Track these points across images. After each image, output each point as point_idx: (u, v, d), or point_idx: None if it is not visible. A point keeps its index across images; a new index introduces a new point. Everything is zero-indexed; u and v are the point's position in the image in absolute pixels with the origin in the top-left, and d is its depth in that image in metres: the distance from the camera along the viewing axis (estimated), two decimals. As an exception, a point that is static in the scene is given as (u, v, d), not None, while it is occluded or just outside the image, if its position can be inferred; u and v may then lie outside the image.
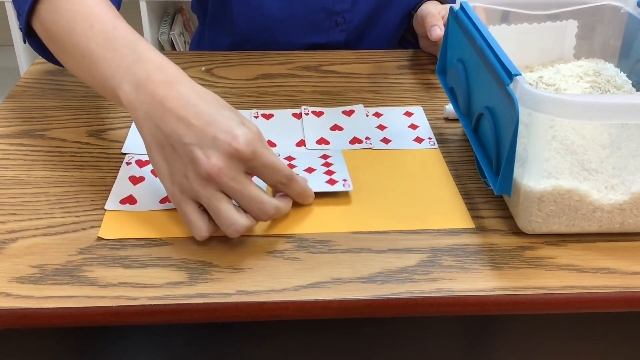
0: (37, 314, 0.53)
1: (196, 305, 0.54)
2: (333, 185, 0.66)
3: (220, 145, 0.54)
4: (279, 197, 0.61)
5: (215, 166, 0.54)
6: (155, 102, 0.56)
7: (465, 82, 0.69)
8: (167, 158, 0.56)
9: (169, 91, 0.56)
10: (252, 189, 0.56)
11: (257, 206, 0.56)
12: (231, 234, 0.56)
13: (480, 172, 0.68)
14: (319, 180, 0.67)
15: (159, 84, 0.57)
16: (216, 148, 0.54)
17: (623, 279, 0.57)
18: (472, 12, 0.69)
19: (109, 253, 0.59)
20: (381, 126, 0.79)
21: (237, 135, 0.54)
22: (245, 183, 0.55)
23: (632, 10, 0.74)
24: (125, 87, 0.58)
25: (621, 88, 0.70)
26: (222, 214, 0.55)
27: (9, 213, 0.63)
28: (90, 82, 0.65)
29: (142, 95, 0.57)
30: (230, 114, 0.56)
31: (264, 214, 0.57)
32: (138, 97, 0.57)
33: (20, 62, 2.26)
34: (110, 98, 0.62)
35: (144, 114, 0.57)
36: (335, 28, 1.01)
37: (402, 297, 0.55)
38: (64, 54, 0.66)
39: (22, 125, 0.78)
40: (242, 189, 0.55)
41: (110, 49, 0.60)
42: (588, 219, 0.60)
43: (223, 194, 0.55)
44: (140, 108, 0.57)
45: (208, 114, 0.55)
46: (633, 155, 0.58)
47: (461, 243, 0.61)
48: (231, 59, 0.95)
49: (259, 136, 0.56)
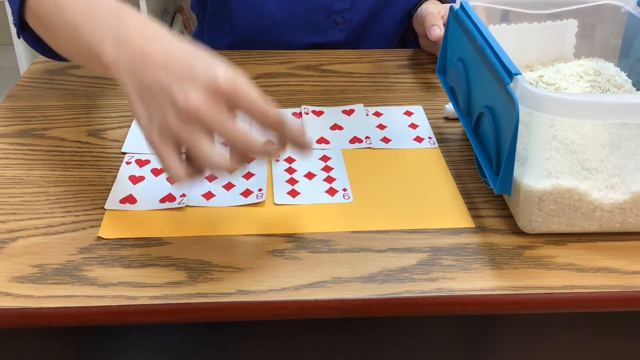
0: (37, 313, 0.53)
1: (196, 304, 0.54)
2: (333, 196, 0.66)
3: (199, 81, 0.52)
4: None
5: (193, 101, 0.51)
6: (137, 57, 0.55)
7: (466, 81, 0.69)
8: (148, 107, 0.54)
9: (151, 45, 0.55)
10: (234, 125, 0.52)
11: (241, 140, 0.52)
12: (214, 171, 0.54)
13: (480, 172, 0.68)
14: (318, 190, 0.67)
15: (140, 39, 0.56)
16: (195, 84, 0.52)
17: (623, 279, 0.57)
18: (472, 11, 0.69)
19: (109, 252, 0.59)
20: (381, 125, 0.79)
21: (216, 71, 0.52)
22: (226, 119, 0.52)
23: (632, 9, 0.74)
24: (107, 47, 0.57)
25: (621, 87, 0.70)
26: (202, 151, 0.52)
27: (8, 212, 0.63)
28: (79, 58, 0.64)
29: (124, 52, 0.56)
30: (213, 58, 0.54)
31: (251, 150, 0.53)
32: (120, 54, 0.56)
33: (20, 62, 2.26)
34: (96, 67, 0.60)
35: (126, 70, 0.55)
36: (334, 27, 1.01)
37: (402, 297, 0.55)
38: (54, 35, 0.66)
39: (21, 124, 0.77)
40: (222, 124, 0.52)
41: (92, 17, 0.59)
42: (588, 218, 0.60)
43: (203, 133, 0.52)
44: (122, 65, 0.55)
45: (190, 58, 0.54)
46: (633, 155, 0.58)
47: (461, 242, 0.61)
48: (231, 59, 0.94)
49: (244, 78, 0.53)
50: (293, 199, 0.65)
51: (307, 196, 0.66)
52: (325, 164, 0.71)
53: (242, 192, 0.66)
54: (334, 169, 0.70)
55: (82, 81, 0.87)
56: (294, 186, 0.67)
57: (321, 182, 0.68)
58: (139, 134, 0.75)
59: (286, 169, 0.70)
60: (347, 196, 0.66)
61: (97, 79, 0.88)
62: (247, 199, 0.65)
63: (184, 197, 0.65)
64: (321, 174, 0.69)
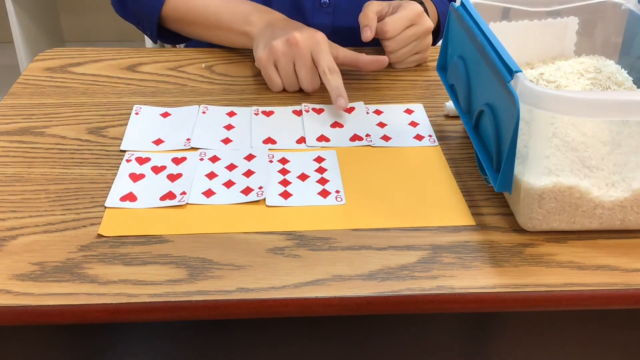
0: (37, 311, 0.53)
1: (196, 302, 0.54)
2: (325, 198, 0.66)
3: (305, 30, 0.82)
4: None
5: (296, 37, 0.80)
6: (273, 19, 0.88)
7: (466, 79, 0.69)
8: (266, 40, 0.83)
9: (278, 14, 0.90)
10: (310, 64, 0.82)
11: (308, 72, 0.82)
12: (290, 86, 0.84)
13: (480, 169, 0.68)
14: (311, 191, 0.67)
15: (273, 11, 0.91)
16: (301, 33, 0.81)
17: (624, 276, 0.57)
18: (473, 8, 0.69)
19: (109, 250, 0.59)
20: (381, 124, 0.79)
21: (317, 33, 0.82)
22: (309, 58, 0.81)
23: (632, 7, 0.74)
24: (253, 18, 0.88)
25: (622, 85, 0.70)
26: (296, 71, 0.83)
27: (9, 210, 0.63)
28: (213, 35, 0.94)
29: (267, 18, 0.88)
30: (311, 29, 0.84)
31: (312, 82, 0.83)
32: (265, 21, 0.87)
33: (20, 60, 2.26)
34: (234, 37, 0.91)
35: (264, 24, 0.87)
36: (319, 10, 1.00)
37: (403, 295, 0.55)
38: (191, 26, 0.95)
39: (22, 122, 0.77)
40: (305, 61, 0.81)
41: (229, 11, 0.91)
42: (589, 216, 0.60)
43: (292, 62, 0.82)
44: (267, 24, 0.87)
45: (304, 26, 0.85)
46: (634, 152, 0.58)
47: (461, 240, 0.61)
48: (231, 56, 0.94)
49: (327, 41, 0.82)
50: (285, 201, 0.65)
51: (299, 198, 0.66)
52: (320, 165, 0.71)
53: (242, 190, 0.66)
54: (328, 170, 0.70)
55: (82, 79, 0.87)
56: (287, 187, 0.67)
57: (314, 184, 0.68)
58: (137, 131, 0.76)
59: (279, 170, 0.70)
60: (339, 198, 0.66)
61: (98, 77, 0.88)
62: (247, 197, 0.65)
63: (184, 194, 0.65)
64: (315, 175, 0.69)
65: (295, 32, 0.81)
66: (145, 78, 0.88)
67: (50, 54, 0.94)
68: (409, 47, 0.89)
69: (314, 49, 0.81)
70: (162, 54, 0.95)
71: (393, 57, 0.90)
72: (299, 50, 0.80)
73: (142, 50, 0.95)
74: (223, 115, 0.79)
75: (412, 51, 0.90)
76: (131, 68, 0.90)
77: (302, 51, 0.80)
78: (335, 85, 0.79)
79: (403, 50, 0.89)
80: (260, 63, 0.83)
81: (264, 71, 0.83)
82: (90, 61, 0.92)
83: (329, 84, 0.80)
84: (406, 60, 0.91)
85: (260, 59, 0.83)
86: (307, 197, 0.66)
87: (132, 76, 0.88)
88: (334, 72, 0.80)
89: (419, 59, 0.92)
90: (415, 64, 0.93)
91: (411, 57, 0.91)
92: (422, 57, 0.92)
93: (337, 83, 0.80)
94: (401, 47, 0.89)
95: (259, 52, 0.83)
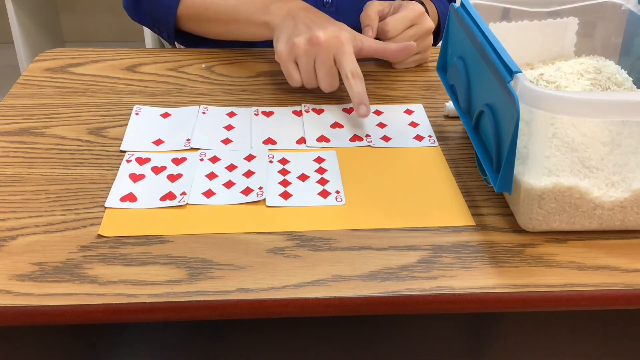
0: (38, 311, 0.53)
1: (196, 302, 0.54)
2: (325, 199, 0.66)
3: (329, 30, 0.79)
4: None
5: (319, 37, 0.78)
6: (294, 9, 0.85)
7: (466, 79, 0.69)
8: (289, 35, 0.80)
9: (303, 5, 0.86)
10: (330, 64, 0.79)
11: (327, 72, 0.79)
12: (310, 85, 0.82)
13: (480, 170, 0.68)
14: (311, 191, 0.67)
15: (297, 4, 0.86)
16: (324, 32, 0.78)
17: (624, 277, 0.57)
18: (473, 9, 0.69)
19: (109, 250, 0.59)
20: (381, 124, 0.79)
21: (341, 33, 0.79)
22: (330, 59, 0.79)
23: (632, 7, 0.74)
24: (272, 7, 0.86)
25: (622, 85, 0.70)
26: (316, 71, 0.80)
27: (9, 210, 0.63)
28: (231, 30, 0.92)
29: (288, 6, 0.85)
30: (341, 24, 0.83)
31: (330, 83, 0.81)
32: (285, 10, 0.85)
33: (20, 60, 2.26)
34: (253, 29, 0.88)
35: (283, 16, 0.84)
36: (322, 9, 1.00)
37: (403, 295, 0.55)
38: (209, 23, 0.94)
39: (22, 122, 0.77)
40: (325, 61, 0.79)
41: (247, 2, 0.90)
42: (589, 216, 0.60)
43: (313, 61, 0.79)
44: (287, 14, 0.84)
45: (325, 17, 0.84)
46: (634, 153, 0.58)
47: (462, 240, 0.61)
48: (231, 56, 0.94)
49: (351, 41, 0.80)
50: (285, 201, 0.65)
51: (299, 198, 0.66)
52: (320, 165, 0.71)
53: (242, 191, 0.66)
54: (328, 170, 0.70)
55: (82, 79, 0.87)
56: (287, 188, 0.67)
57: (314, 184, 0.68)
58: (138, 132, 0.76)
59: (279, 171, 0.70)
60: (339, 199, 0.66)
61: (98, 77, 0.88)
62: (247, 197, 0.65)
63: (184, 195, 0.65)
64: (315, 175, 0.69)
65: (319, 31, 0.78)
66: (146, 78, 0.88)
67: (51, 54, 0.94)
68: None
69: (337, 51, 0.78)
70: (162, 54, 0.95)
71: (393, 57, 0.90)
72: (320, 50, 0.78)
73: (142, 51, 0.95)
74: (223, 116, 0.80)
75: (412, 51, 0.90)
76: (131, 68, 0.90)
77: (325, 52, 0.78)
78: (358, 92, 0.77)
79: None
80: (281, 58, 0.81)
81: (284, 66, 0.81)
82: (90, 61, 0.92)
83: (351, 89, 0.77)
84: (407, 61, 0.91)
85: (281, 55, 0.80)
86: (307, 198, 0.66)
87: (132, 76, 0.88)
88: (357, 77, 0.78)
89: (420, 59, 0.92)
90: (416, 64, 0.93)
91: (412, 58, 0.91)
92: (422, 58, 0.92)
93: (360, 89, 0.77)
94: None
95: (280, 47, 0.81)
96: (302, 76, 0.81)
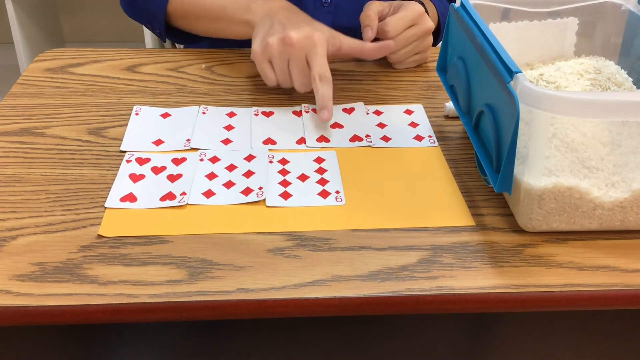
0: (38, 311, 0.53)
1: (196, 303, 0.54)
2: (325, 199, 0.66)
3: (303, 31, 0.78)
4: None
5: (292, 38, 0.77)
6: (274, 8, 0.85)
7: (466, 79, 0.69)
8: (265, 34, 0.80)
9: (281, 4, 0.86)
10: (303, 64, 0.79)
11: (300, 72, 0.79)
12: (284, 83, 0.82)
13: (480, 170, 0.68)
14: (311, 192, 0.67)
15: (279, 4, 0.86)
16: (298, 32, 0.78)
17: (623, 277, 0.57)
18: (473, 9, 0.69)
19: (109, 251, 0.59)
20: (381, 124, 0.79)
21: (315, 34, 0.78)
22: (302, 60, 0.78)
23: (632, 7, 0.74)
24: (254, 6, 0.86)
25: (622, 85, 0.70)
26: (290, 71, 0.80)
27: (9, 211, 0.63)
28: (218, 28, 0.93)
29: (269, 6, 0.85)
30: (312, 24, 0.82)
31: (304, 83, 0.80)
32: (265, 9, 0.85)
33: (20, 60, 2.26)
34: (236, 27, 0.89)
35: (266, 14, 0.84)
36: (321, 8, 1.00)
37: (403, 295, 0.55)
38: (198, 20, 0.95)
39: (22, 122, 0.77)
40: (298, 61, 0.78)
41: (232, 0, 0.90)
42: (589, 216, 0.60)
43: (287, 61, 0.79)
44: (266, 13, 0.85)
45: (303, 18, 0.83)
46: (634, 153, 0.58)
47: (461, 241, 0.61)
48: (231, 57, 0.94)
49: (325, 42, 0.79)
50: (285, 201, 0.65)
51: (299, 198, 0.66)
52: (320, 165, 0.71)
53: (242, 191, 0.66)
54: (328, 170, 0.70)
55: (82, 79, 0.87)
56: (287, 188, 0.67)
57: (314, 185, 0.68)
58: (137, 132, 0.76)
59: (279, 171, 0.70)
60: (339, 199, 0.66)
61: (98, 77, 0.88)
62: (247, 197, 0.65)
63: (184, 195, 0.65)
64: (315, 175, 0.69)
65: (292, 31, 0.78)
66: (145, 79, 0.88)
67: (51, 54, 0.94)
68: (410, 47, 0.89)
69: (309, 52, 0.78)
70: (162, 54, 0.95)
71: (393, 57, 0.90)
72: (293, 50, 0.78)
73: (142, 51, 0.95)
74: (223, 116, 0.80)
75: (412, 51, 0.90)
76: (131, 69, 0.90)
77: (297, 52, 0.78)
78: (322, 96, 0.76)
79: (404, 51, 0.89)
80: (255, 57, 0.81)
81: (259, 65, 0.82)
82: (90, 62, 0.92)
83: (317, 92, 0.77)
84: (406, 61, 0.91)
85: (255, 54, 0.81)
86: (307, 198, 0.66)
87: (132, 77, 0.88)
88: (324, 80, 0.77)
89: (420, 60, 0.92)
90: (416, 65, 0.93)
91: (411, 58, 0.91)
92: (422, 58, 0.92)
93: (325, 93, 0.76)
94: (402, 47, 0.89)
95: (255, 46, 0.81)
96: (277, 76, 0.81)
